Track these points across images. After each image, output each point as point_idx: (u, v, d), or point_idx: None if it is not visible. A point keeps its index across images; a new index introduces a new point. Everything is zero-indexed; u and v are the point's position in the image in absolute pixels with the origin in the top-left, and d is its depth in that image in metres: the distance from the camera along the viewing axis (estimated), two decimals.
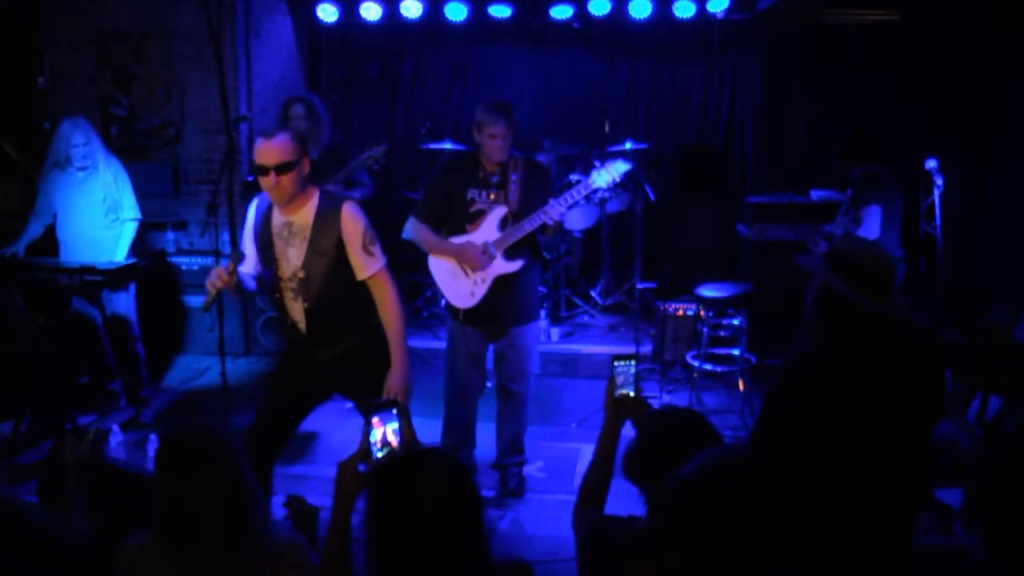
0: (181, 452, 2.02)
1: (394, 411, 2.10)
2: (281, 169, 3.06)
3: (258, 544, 2.04)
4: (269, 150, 3.07)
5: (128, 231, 5.05)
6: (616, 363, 2.40)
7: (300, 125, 4.97)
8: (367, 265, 3.22)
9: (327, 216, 3.18)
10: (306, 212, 3.19)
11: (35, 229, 5.04)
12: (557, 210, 3.85)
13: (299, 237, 3.19)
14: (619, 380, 2.39)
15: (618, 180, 3.96)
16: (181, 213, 6.37)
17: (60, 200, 4.99)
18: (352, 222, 3.19)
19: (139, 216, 5.11)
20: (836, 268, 2.34)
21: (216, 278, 3.13)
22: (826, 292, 2.36)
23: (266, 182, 3.09)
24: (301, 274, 3.20)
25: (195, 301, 6.33)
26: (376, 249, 3.24)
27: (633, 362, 2.42)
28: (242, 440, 2.13)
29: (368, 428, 2.07)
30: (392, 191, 7.06)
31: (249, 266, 3.35)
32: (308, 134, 4.92)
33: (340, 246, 3.18)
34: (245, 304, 6.33)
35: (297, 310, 3.26)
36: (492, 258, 3.95)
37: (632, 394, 2.40)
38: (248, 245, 3.34)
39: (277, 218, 3.23)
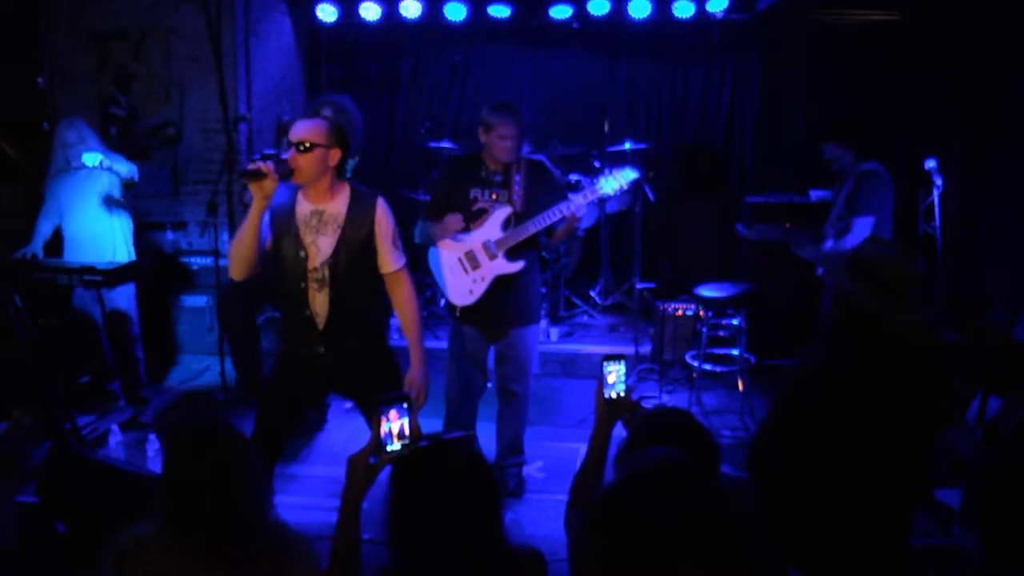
0: (192, 437, 2.01)
1: (405, 405, 2.12)
2: (301, 147, 3.09)
3: (264, 538, 2.02)
4: (298, 128, 3.14)
5: (126, 167, 5.04)
6: (606, 363, 2.39)
7: None
8: (395, 259, 3.29)
9: (361, 207, 3.23)
10: (339, 202, 3.22)
11: (46, 229, 5.06)
12: (578, 204, 3.81)
13: (331, 226, 3.21)
14: (610, 380, 2.39)
15: (626, 188, 3.95)
16: (180, 213, 6.36)
17: (65, 199, 5.01)
18: (386, 215, 3.26)
19: (135, 176, 5.08)
20: (857, 274, 2.30)
21: (264, 163, 3.01)
22: (843, 298, 2.33)
23: (290, 159, 3.11)
24: (330, 262, 3.20)
25: (195, 301, 6.33)
26: (400, 245, 3.32)
27: (623, 362, 2.41)
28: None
29: (379, 421, 2.07)
30: (392, 191, 7.06)
31: (265, 242, 3.23)
32: None
33: (371, 239, 3.23)
34: None
35: (320, 302, 3.24)
36: (494, 256, 3.96)
37: (623, 394, 2.39)
38: (267, 228, 3.25)
39: (304, 206, 3.23)
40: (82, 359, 5.25)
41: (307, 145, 3.09)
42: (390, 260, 3.28)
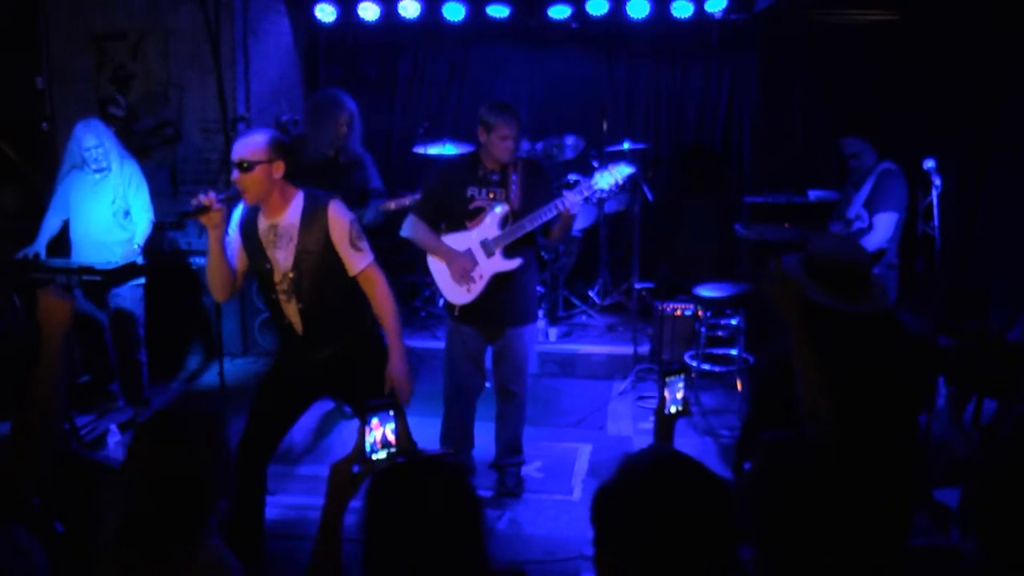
0: (165, 426, 1.98)
1: (391, 412, 2.09)
2: (242, 166, 3.09)
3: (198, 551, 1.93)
4: (236, 147, 3.14)
5: (142, 228, 5.05)
6: (670, 378, 2.35)
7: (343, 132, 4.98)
8: (357, 260, 3.25)
9: (313, 215, 3.21)
10: (290, 214, 3.22)
11: (53, 224, 5.04)
12: (573, 200, 3.81)
13: (285, 239, 3.21)
14: (677, 396, 2.35)
15: (621, 183, 3.95)
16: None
17: (74, 200, 4.99)
18: (338, 218, 3.22)
19: (152, 217, 5.11)
20: (811, 272, 2.37)
21: (205, 196, 3.03)
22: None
23: (236, 181, 3.12)
24: (292, 275, 3.21)
25: (194, 301, 6.33)
26: (364, 244, 3.28)
27: (683, 375, 2.38)
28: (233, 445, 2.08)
29: (364, 429, 2.05)
30: (390, 191, 7.05)
31: (235, 261, 3.31)
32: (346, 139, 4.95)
33: (328, 244, 3.21)
34: (243, 304, 6.33)
35: (292, 311, 3.27)
36: (491, 253, 3.96)
37: (681, 408, 2.37)
38: (236, 247, 3.31)
39: (262, 222, 3.25)
40: (83, 359, 5.24)
41: (247, 164, 3.09)
42: (352, 261, 3.25)
